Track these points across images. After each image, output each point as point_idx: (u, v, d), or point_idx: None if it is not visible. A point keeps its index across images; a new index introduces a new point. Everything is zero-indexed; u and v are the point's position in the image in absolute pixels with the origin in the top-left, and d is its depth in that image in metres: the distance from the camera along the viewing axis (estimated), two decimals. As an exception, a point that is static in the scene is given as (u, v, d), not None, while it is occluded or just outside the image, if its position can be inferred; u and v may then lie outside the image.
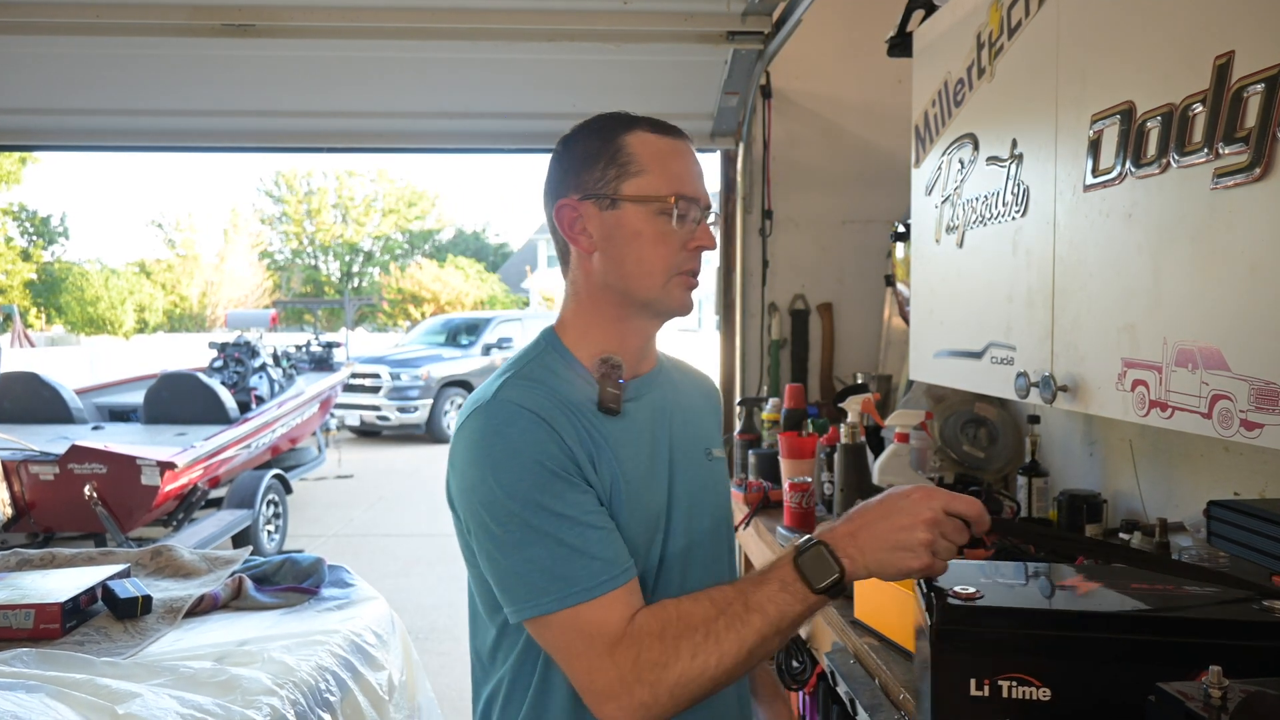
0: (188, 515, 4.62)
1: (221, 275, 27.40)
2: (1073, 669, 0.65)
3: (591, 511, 0.81)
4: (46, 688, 1.60)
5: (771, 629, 0.75)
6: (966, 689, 0.66)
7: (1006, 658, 0.65)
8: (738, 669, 0.76)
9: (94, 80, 2.32)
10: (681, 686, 0.75)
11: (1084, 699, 0.65)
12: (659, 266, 0.87)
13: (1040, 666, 0.65)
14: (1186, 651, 0.65)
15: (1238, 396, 0.93)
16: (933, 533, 0.72)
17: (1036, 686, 0.65)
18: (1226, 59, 0.94)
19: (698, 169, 0.91)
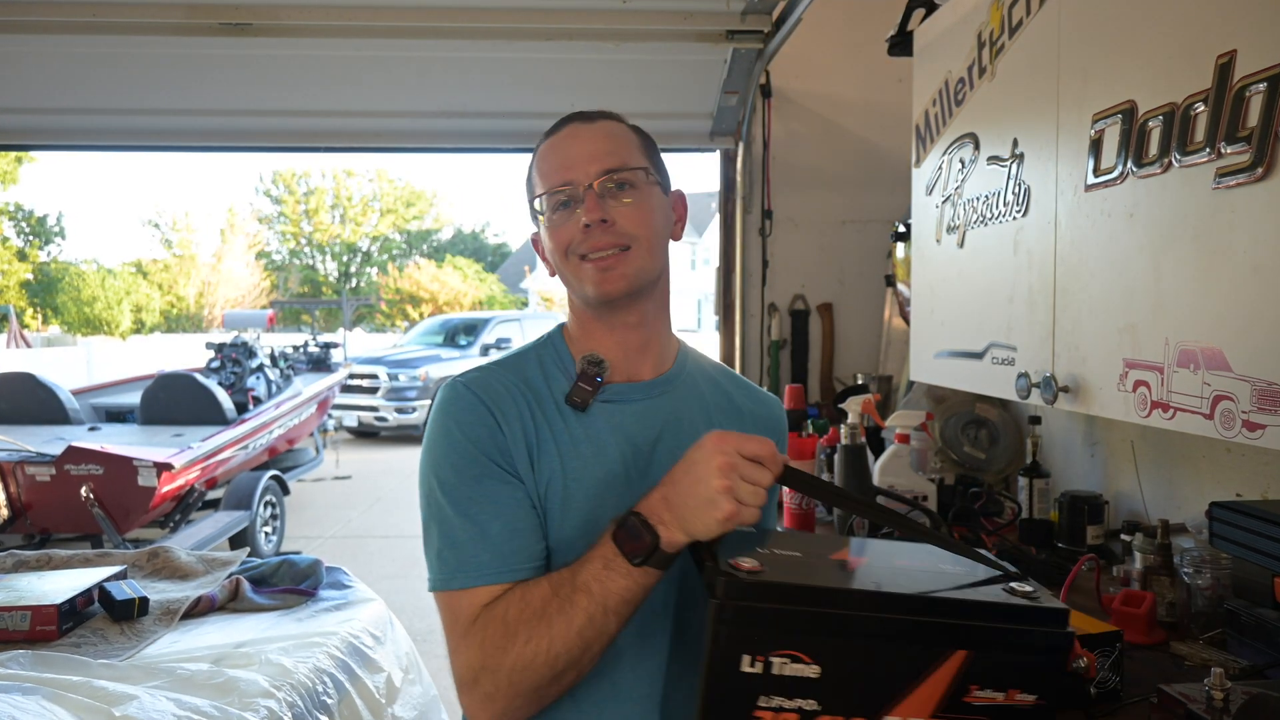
0: (185, 516, 4.61)
1: (218, 275, 27.35)
2: (838, 646, 0.66)
3: (503, 503, 0.81)
4: (43, 690, 1.59)
5: (599, 609, 0.74)
6: (739, 664, 0.66)
7: (781, 635, 0.65)
8: (572, 652, 0.75)
9: (90, 79, 2.31)
10: (518, 673, 0.75)
11: (848, 675, 0.66)
12: (561, 254, 0.88)
13: (810, 644, 0.66)
14: (941, 631, 0.67)
15: (1240, 397, 0.93)
16: (729, 478, 0.70)
17: (806, 663, 0.66)
18: (1228, 58, 0.94)
19: (574, 152, 0.88)
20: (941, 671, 0.67)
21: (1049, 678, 0.68)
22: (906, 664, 0.67)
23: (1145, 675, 1.08)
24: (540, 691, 0.76)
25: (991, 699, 0.67)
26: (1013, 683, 0.68)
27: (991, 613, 0.68)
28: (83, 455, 4.18)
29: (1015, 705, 0.68)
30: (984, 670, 0.67)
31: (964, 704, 0.67)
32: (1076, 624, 1.02)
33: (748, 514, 0.72)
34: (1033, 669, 0.68)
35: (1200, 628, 1.19)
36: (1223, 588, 1.19)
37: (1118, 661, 1.02)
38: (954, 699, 0.67)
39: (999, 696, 0.67)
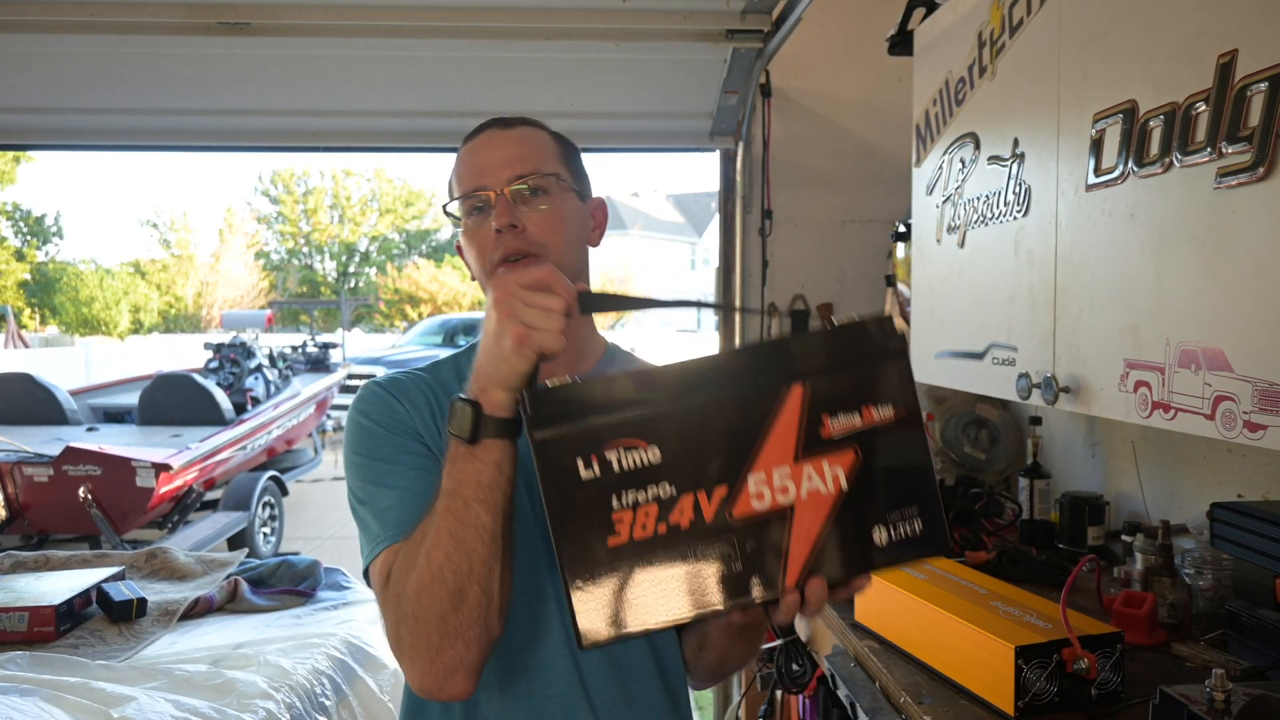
0: (183, 517, 4.60)
1: (217, 275, 27.32)
2: (671, 419, 0.63)
3: (406, 469, 0.82)
4: (41, 691, 1.59)
5: (458, 502, 0.71)
6: (577, 474, 0.62)
7: (607, 426, 0.62)
8: (451, 557, 0.71)
9: (88, 79, 2.31)
10: (417, 605, 0.72)
11: (692, 447, 0.63)
12: (479, 265, 0.88)
13: (641, 426, 0.62)
14: (768, 371, 0.64)
15: (1241, 398, 0.93)
16: (507, 305, 0.69)
17: (644, 448, 0.63)
18: (1229, 58, 0.94)
19: (490, 152, 0.87)
20: (785, 413, 0.64)
21: (898, 382, 0.66)
22: (745, 417, 0.64)
23: (1146, 676, 1.08)
24: (449, 624, 0.71)
25: (850, 424, 0.64)
26: (863, 398, 0.65)
27: (812, 340, 0.66)
28: (81, 456, 4.18)
29: (878, 424, 0.65)
30: (828, 394, 0.64)
31: (824, 439, 0.64)
32: (1078, 625, 1.02)
33: (542, 337, 0.68)
34: (875, 378, 0.66)
35: (1201, 629, 1.19)
36: (1224, 589, 1.19)
37: (1119, 663, 1.01)
38: (811, 436, 0.64)
39: (856, 420, 0.65)
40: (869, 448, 0.65)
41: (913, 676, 1.11)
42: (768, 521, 0.64)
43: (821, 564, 0.65)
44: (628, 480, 0.63)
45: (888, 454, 0.66)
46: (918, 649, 1.15)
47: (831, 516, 0.65)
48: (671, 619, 0.64)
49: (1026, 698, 0.98)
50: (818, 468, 0.64)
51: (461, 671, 0.73)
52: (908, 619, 1.16)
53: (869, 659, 1.20)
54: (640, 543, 0.63)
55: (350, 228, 29.12)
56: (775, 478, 0.64)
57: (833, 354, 0.66)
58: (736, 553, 0.64)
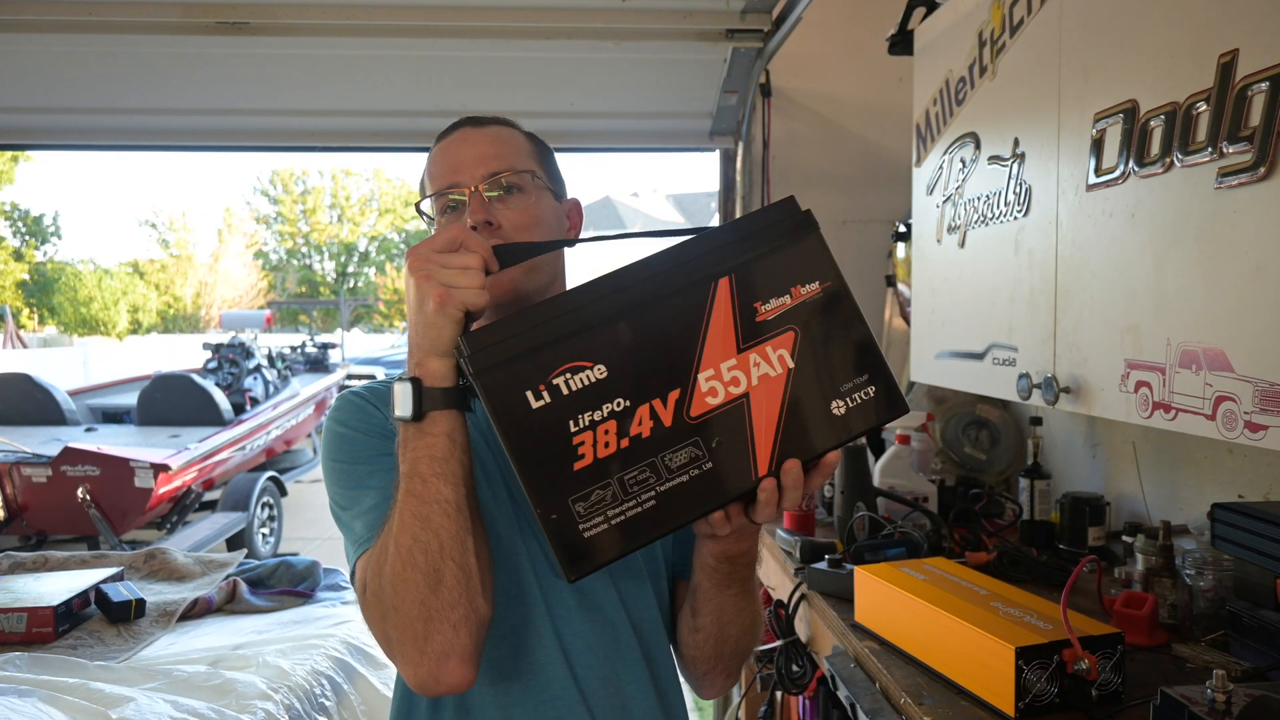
0: (182, 518, 4.60)
1: (216, 275, 27.31)
2: (608, 336, 0.64)
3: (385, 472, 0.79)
4: (39, 692, 1.59)
5: (416, 481, 0.70)
6: (528, 406, 0.63)
7: (547, 353, 0.63)
8: (418, 536, 0.69)
9: (87, 78, 2.30)
10: (396, 595, 0.70)
11: (637, 357, 0.64)
12: None
13: (581, 347, 0.63)
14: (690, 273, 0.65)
15: (1242, 398, 0.93)
16: (423, 270, 0.68)
17: (589, 367, 0.63)
18: (1230, 57, 0.93)
19: (463, 150, 0.87)
20: (719, 307, 0.65)
21: (815, 257, 0.68)
22: (681, 318, 0.65)
23: (1147, 677, 1.07)
24: (429, 605, 0.69)
25: (781, 305, 0.66)
26: (789, 280, 0.67)
27: (722, 233, 0.68)
28: (79, 456, 4.17)
29: (808, 300, 0.67)
30: (753, 282, 0.66)
31: (761, 325, 0.66)
32: (1078, 626, 1.01)
33: (463, 294, 0.68)
34: (794, 256, 0.68)
35: (1202, 630, 1.19)
36: (1225, 589, 1.18)
37: (1119, 664, 1.01)
38: (749, 325, 0.66)
39: (786, 300, 0.66)
40: (806, 325, 0.67)
41: (913, 677, 1.11)
42: (727, 415, 0.65)
43: (789, 445, 0.66)
44: (580, 402, 0.63)
45: (825, 327, 0.68)
46: (918, 650, 1.15)
47: (787, 397, 0.66)
48: (652, 534, 0.64)
49: (1027, 699, 0.98)
50: (762, 353, 0.66)
51: (455, 658, 0.70)
52: (908, 620, 1.16)
53: (869, 660, 1.20)
54: (605, 460, 0.63)
55: (349, 227, 29.11)
56: (724, 371, 0.65)
57: (749, 243, 0.68)
58: (704, 452, 0.65)
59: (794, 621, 1.47)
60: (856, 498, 1.54)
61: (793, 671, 1.47)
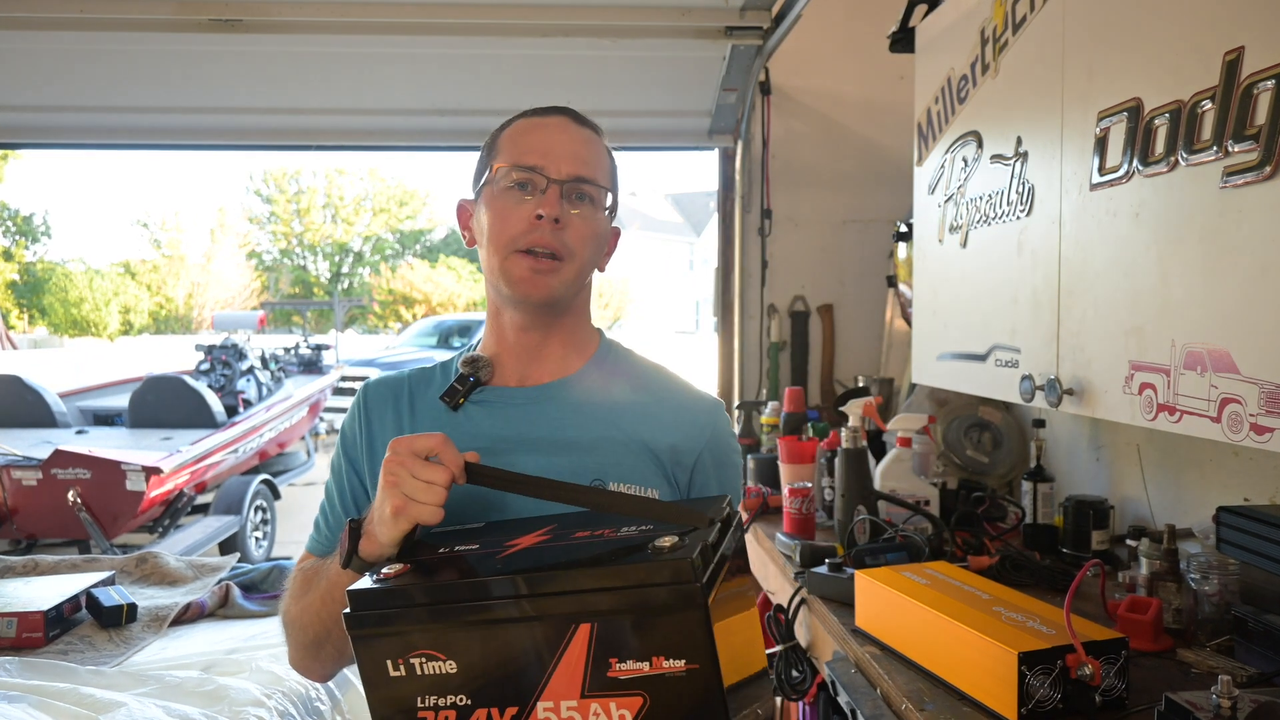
0: (174, 521, 4.56)
1: (208, 276, 27.20)
2: (465, 639, 0.66)
3: (341, 492, 0.92)
4: (29, 698, 1.57)
5: (329, 596, 0.80)
6: (387, 670, 0.67)
7: (408, 638, 0.66)
8: (318, 626, 0.82)
9: (78, 76, 2.28)
10: (293, 629, 0.85)
11: (484, 667, 0.66)
12: (498, 241, 0.85)
13: (438, 640, 0.66)
14: (553, 608, 0.65)
15: (1247, 400, 0.92)
16: (393, 474, 0.72)
17: (442, 660, 0.66)
18: (1236, 55, 0.93)
19: (558, 140, 0.86)
20: (574, 649, 0.64)
21: (690, 638, 0.62)
22: (535, 647, 0.65)
23: (1151, 683, 1.07)
24: (310, 651, 0.85)
25: (637, 670, 0.63)
26: (652, 649, 0.63)
27: (598, 579, 0.64)
28: (70, 459, 4.13)
29: (668, 674, 0.63)
30: (615, 640, 0.63)
31: (610, 679, 0.64)
32: (1082, 631, 1.00)
33: (419, 510, 0.71)
34: (666, 631, 0.63)
35: (1207, 634, 1.18)
36: (1230, 594, 1.18)
37: (1123, 669, 1.00)
38: (598, 676, 0.64)
39: (644, 667, 0.63)
40: (658, 695, 0.64)
41: (914, 683, 1.10)
42: None
43: None
44: (429, 685, 0.67)
45: (678, 703, 0.64)
46: (919, 655, 1.14)
47: None
48: None
49: (1029, 704, 0.97)
50: (604, 706, 0.65)
51: (318, 675, 0.91)
52: (909, 624, 1.15)
53: (870, 665, 1.18)
54: None
55: (343, 227, 29.02)
56: (562, 708, 0.65)
57: (626, 598, 0.63)
58: None
59: (794, 626, 1.46)
60: (857, 501, 1.53)
61: (793, 677, 1.45)
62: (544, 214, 0.82)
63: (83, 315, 23.68)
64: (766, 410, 2.34)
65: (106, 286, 24.72)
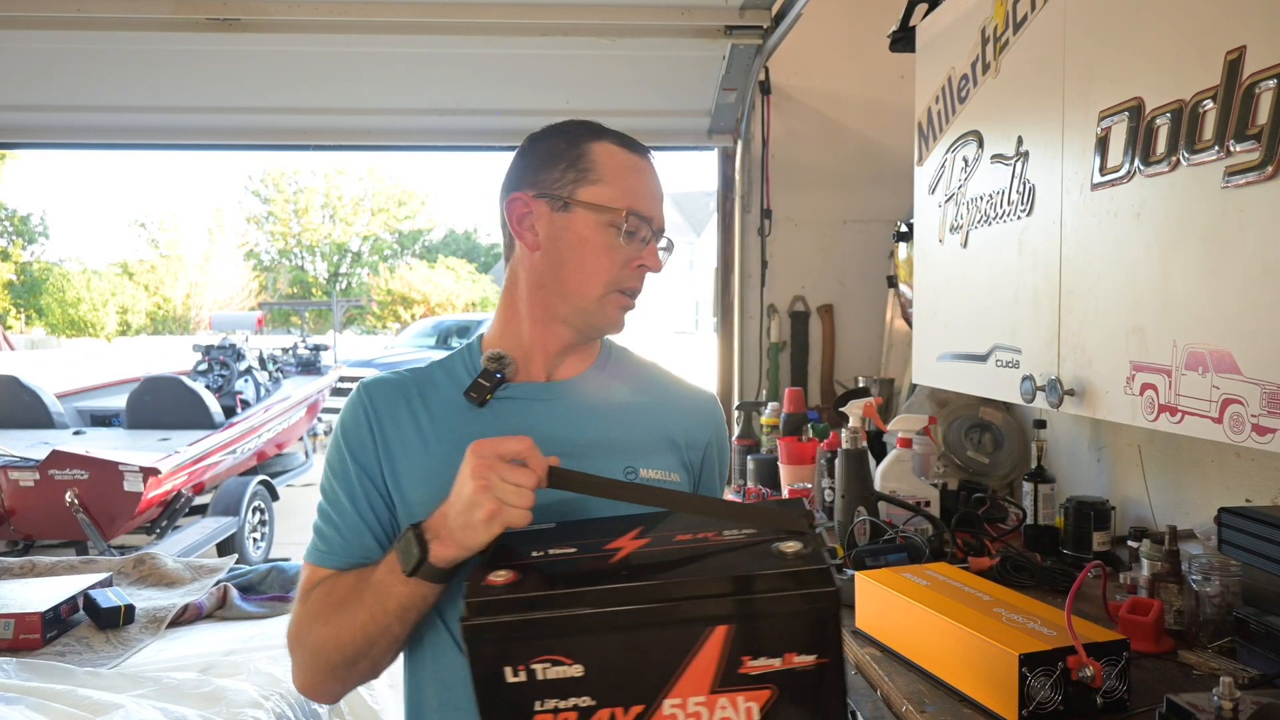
0: (171, 523, 4.55)
1: (206, 276, 27.16)
2: (595, 643, 0.66)
3: (353, 499, 0.87)
4: (26, 699, 1.57)
5: (380, 609, 0.77)
6: (503, 677, 0.66)
7: (532, 643, 0.66)
8: (358, 644, 0.79)
9: (75, 76, 2.27)
10: (315, 650, 0.81)
11: (613, 669, 0.66)
12: (598, 278, 0.87)
13: (566, 646, 0.66)
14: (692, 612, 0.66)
15: (1249, 401, 0.92)
16: (485, 478, 0.71)
17: (568, 665, 0.66)
18: (1238, 54, 0.93)
19: (657, 190, 0.91)
20: (707, 649, 0.66)
21: (824, 635, 0.66)
22: (668, 648, 0.66)
23: (1153, 685, 1.06)
24: (337, 672, 0.81)
25: (769, 666, 0.66)
26: (786, 646, 0.66)
27: (740, 585, 0.66)
28: (67, 460, 4.12)
29: (796, 668, 0.66)
30: (750, 640, 0.66)
31: (741, 676, 0.66)
32: (1083, 633, 1.00)
33: (512, 514, 0.71)
34: (803, 629, 0.66)
35: (1209, 636, 1.18)
36: (1232, 595, 1.17)
37: (1124, 671, 1.00)
38: (729, 673, 0.66)
39: (776, 663, 0.66)
40: (786, 687, 0.67)
41: (914, 685, 1.09)
42: None
43: None
44: (552, 689, 0.66)
45: (804, 695, 0.67)
46: (920, 656, 1.13)
47: None
48: None
49: (1030, 706, 0.97)
50: (732, 700, 0.67)
51: (331, 697, 0.86)
52: (909, 626, 1.15)
53: (870, 667, 1.18)
54: None
55: (342, 228, 29.00)
56: (689, 704, 0.66)
57: (768, 602, 0.66)
58: None
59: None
60: (857, 502, 1.53)
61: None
62: (651, 269, 0.88)
63: (80, 316, 23.66)
64: (766, 411, 2.33)
65: (104, 287, 24.69)
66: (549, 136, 0.92)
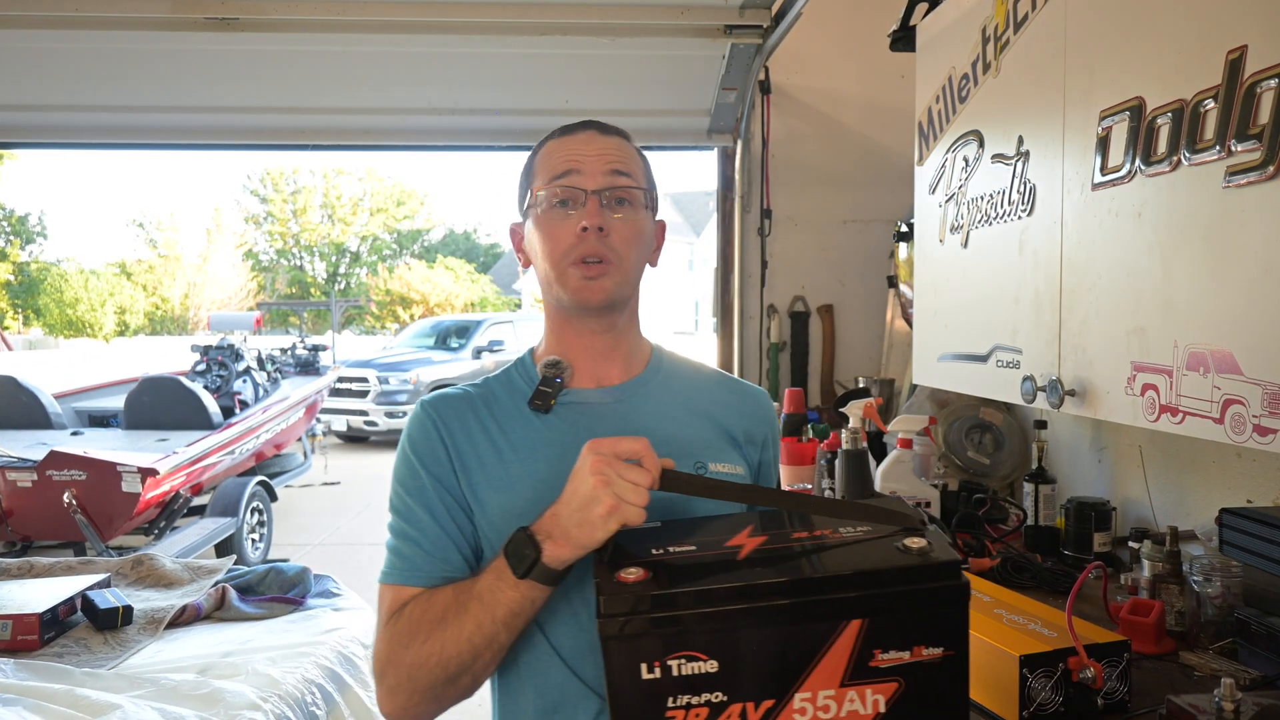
0: (170, 523, 4.53)
1: (204, 276, 27.12)
2: (731, 639, 0.68)
3: (433, 515, 0.86)
4: (24, 700, 1.57)
5: (488, 618, 0.77)
6: (639, 673, 0.67)
7: (671, 640, 0.68)
8: (463, 657, 0.78)
9: (72, 75, 2.27)
10: (415, 669, 0.80)
11: (747, 664, 0.68)
12: (551, 259, 0.89)
13: (702, 642, 0.68)
14: (829, 607, 0.68)
15: (1251, 401, 0.92)
16: (602, 474, 0.72)
17: (703, 661, 0.68)
18: (1239, 54, 0.93)
19: (589, 151, 0.90)
20: (840, 642, 0.68)
21: (951, 627, 0.69)
22: (802, 643, 0.68)
23: (1154, 686, 1.06)
24: (435, 691, 0.80)
25: (898, 659, 0.68)
26: (916, 639, 0.69)
27: (875, 579, 0.68)
28: (65, 460, 4.10)
29: (925, 660, 0.69)
30: (883, 633, 0.68)
31: (871, 669, 0.68)
32: (1084, 634, 1.00)
33: (630, 511, 0.72)
34: (933, 622, 0.69)
35: (1210, 637, 1.18)
36: (1233, 596, 1.17)
37: (1125, 672, 1.00)
38: (860, 666, 0.68)
39: (905, 655, 0.68)
40: (912, 680, 0.69)
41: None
42: None
43: None
44: (685, 686, 0.68)
45: (929, 687, 0.69)
46: (922, 657, 1.13)
47: None
48: None
49: (1031, 708, 0.96)
50: (860, 694, 0.69)
51: (425, 718, 0.83)
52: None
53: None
54: None
55: (341, 228, 28.98)
56: (819, 697, 0.69)
57: (903, 597, 0.69)
58: None
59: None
60: (858, 502, 1.52)
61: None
62: (588, 225, 0.86)
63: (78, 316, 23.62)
64: (766, 411, 2.32)
65: (102, 287, 24.66)
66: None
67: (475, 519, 0.86)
